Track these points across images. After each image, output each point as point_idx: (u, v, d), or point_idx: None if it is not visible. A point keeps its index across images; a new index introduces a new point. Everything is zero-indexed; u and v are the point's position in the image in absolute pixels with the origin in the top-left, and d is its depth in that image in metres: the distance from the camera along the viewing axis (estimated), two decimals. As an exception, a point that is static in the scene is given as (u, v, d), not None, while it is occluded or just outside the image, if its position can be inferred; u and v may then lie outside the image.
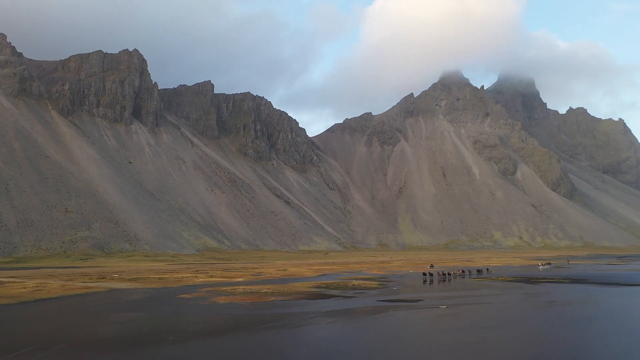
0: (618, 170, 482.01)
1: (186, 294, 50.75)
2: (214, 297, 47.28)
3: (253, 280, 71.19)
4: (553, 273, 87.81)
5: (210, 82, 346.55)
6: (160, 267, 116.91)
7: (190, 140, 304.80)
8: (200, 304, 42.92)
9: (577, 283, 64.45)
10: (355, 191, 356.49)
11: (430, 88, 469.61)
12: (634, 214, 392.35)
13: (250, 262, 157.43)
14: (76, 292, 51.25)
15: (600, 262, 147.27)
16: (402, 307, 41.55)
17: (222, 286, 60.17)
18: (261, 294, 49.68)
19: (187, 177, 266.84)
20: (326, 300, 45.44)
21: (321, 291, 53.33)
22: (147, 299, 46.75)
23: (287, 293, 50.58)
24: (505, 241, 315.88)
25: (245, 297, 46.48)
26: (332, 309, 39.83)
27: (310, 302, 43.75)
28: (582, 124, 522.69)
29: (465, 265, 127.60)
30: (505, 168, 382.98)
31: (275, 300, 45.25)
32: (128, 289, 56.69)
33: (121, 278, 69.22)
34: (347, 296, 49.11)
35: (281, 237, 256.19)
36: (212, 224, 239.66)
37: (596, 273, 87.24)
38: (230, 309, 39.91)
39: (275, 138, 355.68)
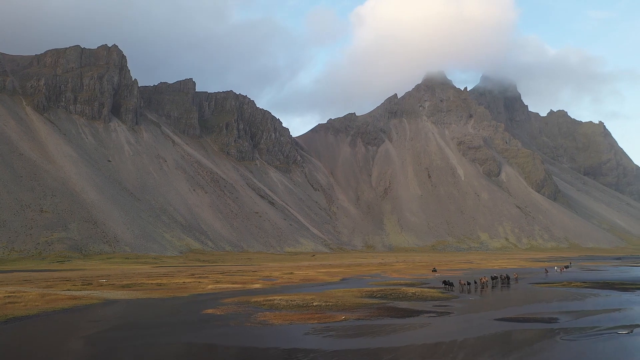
0: (599, 173, 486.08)
1: (211, 308, 40.33)
2: (256, 313, 36.88)
3: (271, 286, 62.00)
4: (613, 276, 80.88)
5: (192, 80, 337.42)
6: (147, 270, 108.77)
7: (172, 139, 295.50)
8: (252, 327, 31.21)
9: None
10: (340, 192, 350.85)
11: (413, 89, 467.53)
12: (615, 216, 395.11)
13: (240, 265, 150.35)
14: (61, 304, 40.95)
15: (611, 263, 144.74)
16: (553, 332, 29.55)
17: (244, 295, 50.28)
18: (314, 307, 39.68)
19: (169, 177, 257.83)
20: (419, 318, 34.99)
21: (385, 303, 43.61)
22: (166, 317, 35.91)
23: (345, 307, 40.17)
24: (491, 242, 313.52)
25: (302, 314, 36.12)
26: (464, 336, 27.83)
27: (403, 323, 32.82)
28: (563, 127, 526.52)
29: (467, 268, 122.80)
30: (489, 169, 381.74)
31: (348, 318, 34.28)
32: (128, 300, 46.85)
33: (111, 284, 60.37)
34: (434, 311, 38.37)
35: (266, 238, 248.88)
36: (195, 225, 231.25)
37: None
38: (312, 336, 28.21)
39: (258, 138, 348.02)
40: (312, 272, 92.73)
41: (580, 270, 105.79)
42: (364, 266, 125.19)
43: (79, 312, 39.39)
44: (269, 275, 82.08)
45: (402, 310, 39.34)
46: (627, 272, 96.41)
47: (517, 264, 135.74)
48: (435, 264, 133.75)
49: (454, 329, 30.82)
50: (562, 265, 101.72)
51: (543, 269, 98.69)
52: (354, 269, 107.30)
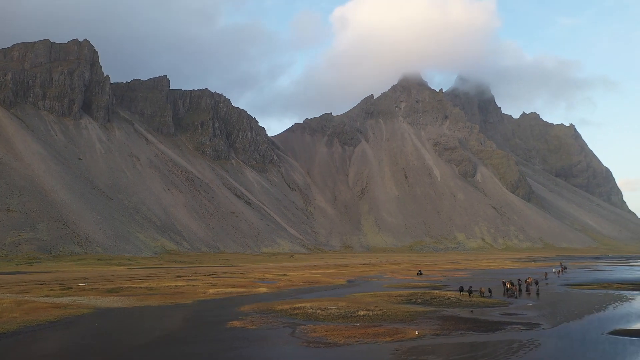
0: (570, 174, 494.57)
1: (235, 320, 34.32)
2: (297, 327, 31.33)
3: (278, 291, 56.84)
4: (635, 276, 78.94)
5: (166, 78, 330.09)
6: (126, 272, 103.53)
7: (145, 137, 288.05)
8: (315, 349, 25.69)
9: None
10: (316, 192, 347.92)
11: (389, 90, 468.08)
12: (586, 216, 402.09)
13: (221, 266, 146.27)
14: (45, 316, 34.46)
15: (602, 263, 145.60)
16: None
17: (258, 302, 44.84)
18: (361, 318, 34.47)
19: (142, 176, 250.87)
20: (509, 333, 29.93)
21: (437, 311, 39.00)
22: (187, 334, 29.90)
23: (397, 317, 35.09)
24: (468, 243, 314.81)
25: (357, 329, 30.52)
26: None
27: (499, 340, 27.97)
28: (535, 129, 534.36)
29: (452, 268, 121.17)
30: (465, 170, 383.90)
31: (423, 334, 29.08)
32: (123, 309, 40.64)
33: (94, 289, 54.71)
34: (516, 322, 33.12)
35: (243, 238, 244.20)
36: (170, 225, 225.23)
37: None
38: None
39: (234, 137, 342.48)
40: (306, 273, 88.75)
41: (584, 270, 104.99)
42: (352, 267, 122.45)
43: (69, 326, 32.59)
44: (264, 278, 77.68)
45: (475, 322, 33.95)
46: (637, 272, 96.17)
47: (503, 265, 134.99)
48: (419, 265, 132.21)
49: (578, 350, 25.60)
50: (561, 267, 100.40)
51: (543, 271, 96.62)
52: (347, 270, 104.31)
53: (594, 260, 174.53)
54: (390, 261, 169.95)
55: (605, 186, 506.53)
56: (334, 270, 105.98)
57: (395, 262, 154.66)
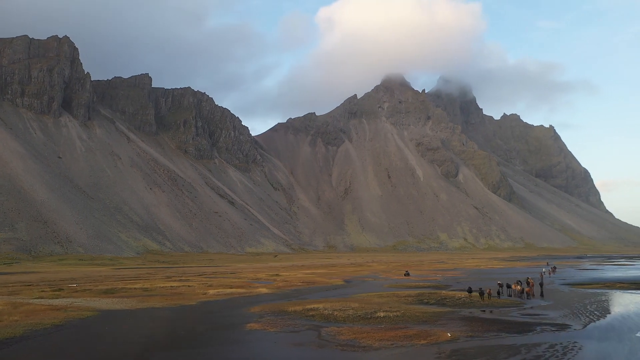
0: (549, 175, 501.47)
1: (250, 322, 32.96)
2: (320, 329, 30.07)
3: (279, 291, 55.44)
4: (630, 275, 78.73)
5: (148, 76, 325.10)
6: (112, 272, 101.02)
7: (126, 136, 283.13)
8: (350, 352, 24.45)
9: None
10: (300, 192, 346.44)
11: (372, 90, 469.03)
12: (566, 217, 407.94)
13: (208, 267, 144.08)
14: (48, 319, 32.43)
15: (584, 262, 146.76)
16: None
17: (264, 303, 43.46)
18: (383, 319, 33.34)
19: (124, 175, 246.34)
20: (541, 335, 28.81)
21: (456, 311, 38.10)
22: (207, 337, 28.62)
23: (418, 318, 34.29)
24: (450, 242, 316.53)
25: (383, 331, 29.29)
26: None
27: (536, 342, 26.82)
28: (516, 130, 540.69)
29: (442, 268, 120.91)
30: (447, 170, 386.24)
31: (456, 337, 27.91)
32: (128, 311, 38.78)
33: (87, 290, 52.67)
34: (546, 323, 32.12)
35: (226, 238, 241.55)
36: (152, 225, 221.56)
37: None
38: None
39: (217, 136, 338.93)
40: (299, 274, 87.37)
41: (574, 270, 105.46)
42: (341, 267, 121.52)
43: (78, 329, 30.85)
44: (257, 278, 76.10)
45: (502, 323, 32.63)
46: (629, 271, 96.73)
47: (491, 264, 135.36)
48: (406, 265, 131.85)
49: (621, 353, 24.54)
50: (550, 267, 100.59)
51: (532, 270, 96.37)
52: (338, 270, 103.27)
53: (577, 260, 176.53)
54: (377, 261, 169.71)
55: (583, 187, 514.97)
56: (325, 270, 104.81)
57: (383, 262, 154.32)
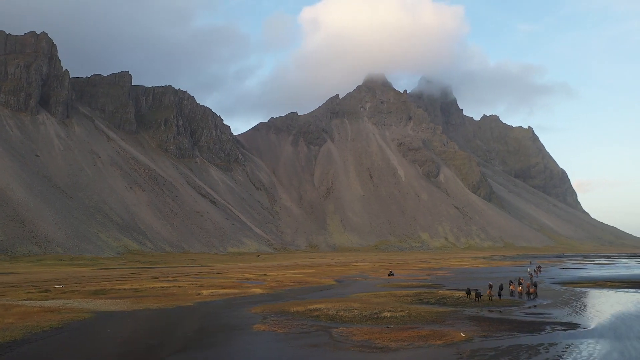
0: (528, 175, 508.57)
1: (257, 323, 32.33)
2: (330, 330, 29.54)
3: (273, 291, 54.59)
4: (615, 274, 79.29)
5: (129, 73, 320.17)
6: (94, 273, 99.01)
7: (106, 134, 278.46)
8: (369, 353, 23.92)
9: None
10: (282, 191, 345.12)
11: (354, 90, 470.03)
12: (544, 216, 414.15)
13: (190, 267, 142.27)
14: (45, 321, 31.26)
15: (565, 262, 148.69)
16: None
17: (263, 303, 42.59)
18: (390, 319, 32.99)
19: (103, 174, 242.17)
20: (552, 334, 28.59)
21: (460, 311, 37.72)
22: (218, 336, 28.53)
23: (424, 318, 34.08)
24: (432, 242, 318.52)
25: (393, 331, 28.71)
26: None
27: (550, 341, 26.63)
28: (495, 131, 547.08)
29: (428, 267, 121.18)
30: (429, 170, 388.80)
31: (469, 337, 27.33)
32: (127, 312, 37.76)
33: (75, 291, 51.07)
34: (555, 322, 32.05)
35: (208, 238, 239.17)
36: (132, 225, 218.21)
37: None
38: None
39: (198, 135, 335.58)
40: (287, 273, 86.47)
41: (559, 269, 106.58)
42: (327, 266, 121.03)
43: (79, 332, 29.62)
44: (246, 278, 74.90)
45: (510, 323, 32.24)
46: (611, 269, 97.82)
47: (475, 264, 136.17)
48: (390, 264, 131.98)
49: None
50: (536, 266, 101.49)
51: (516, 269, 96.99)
52: (326, 270, 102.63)
53: (557, 259, 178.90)
54: (360, 260, 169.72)
55: (561, 187, 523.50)
56: (312, 270, 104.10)
57: (367, 262, 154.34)
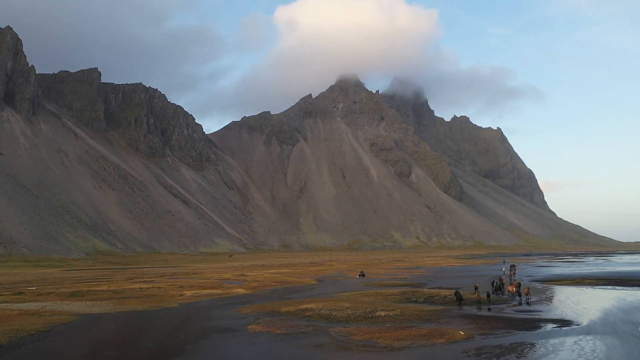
0: (497, 175, 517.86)
1: (252, 324, 31.74)
2: (328, 330, 29.35)
3: (257, 292, 53.78)
4: (593, 272, 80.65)
5: (97, 70, 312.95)
6: (65, 274, 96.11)
7: (74, 132, 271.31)
8: (374, 353, 23.75)
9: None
10: (255, 191, 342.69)
11: (327, 90, 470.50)
12: (512, 216, 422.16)
13: (162, 267, 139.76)
14: (28, 325, 29.79)
15: (535, 260, 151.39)
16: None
17: (252, 303, 41.96)
18: (384, 319, 32.74)
19: (71, 172, 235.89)
20: (550, 331, 28.98)
21: (450, 309, 37.87)
22: (216, 337, 27.76)
23: (417, 316, 33.93)
24: (404, 241, 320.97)
25: (389, 331, 28.53)
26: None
27: (552, 341, 26.38)
28: (465, 132, 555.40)
29: (404, 266, 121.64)
30: (401, 170, 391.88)
31: (469, 335, 27.43)
32: (110, 314, 36.49)
33: (52, 293, 49.08)
34: (550, 320, 32.37)
35: (180, 238, 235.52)
36: (102, 225, 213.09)
37: (615, 272, 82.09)
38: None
39: (169, 133, 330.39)
40: (265, 273, 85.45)
41: (532, 267, 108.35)
42: (302, 266, 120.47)
43: (69, 336, 28.26)
44: (225, 278, 73.66)
45: (505, 321, 32.44)
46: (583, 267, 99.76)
47: (449, 262, 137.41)
48: (365, 263, 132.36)
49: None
50: (510, 265, 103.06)
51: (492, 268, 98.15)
52: (303, 270, 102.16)
53: (527, 257, 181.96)
54: (334, 260, 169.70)
55: (528, 187, 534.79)
56: (289, 269, 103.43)
57: (342, 261, 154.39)
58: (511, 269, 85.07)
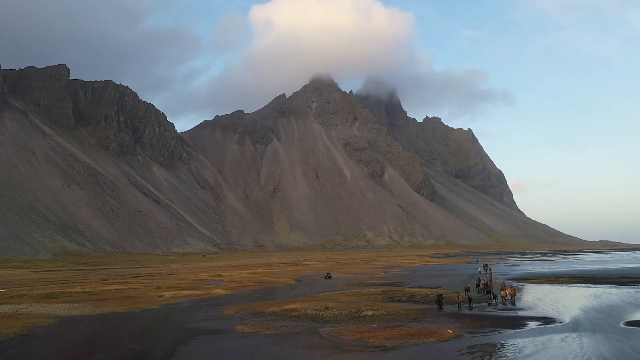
0: (467, 176, 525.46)
1: (239, 325, 31.36)
2: (318, 330, 29.16)
3: (237, 293, 53.20)
4: (564, 270, 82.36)
5: (66, 67, 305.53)
6: (34, 276, 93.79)
7: (41, 130, 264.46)
8: (369, 353, 23.63)
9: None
10: (228, 190, 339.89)
11: (301, 90, 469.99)
12: (483, 215, 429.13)
13: (134, 268, 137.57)
14: (7, 328, 28.94)
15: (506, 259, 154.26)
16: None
17: (236, 304, 41.54)
18: (372, 318, 32.69)
19: (38, 171, 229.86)
20: (534, 329, 29.33)
21: (432, 308, 37.95)
22: (206, 340, 27.22)
23: (403, 316, 33.92)
24: (377, 241, 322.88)
25: (377, 330, 28.49)
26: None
27: (537, 338, 26.76)
28: (437, 132, 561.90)
29: (379, 266, 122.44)
30: (374, 170, 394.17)
31: (458, 333, 27.72)
32: (90, 316, 35.46)
33: (24, 295, 47.62)
34: (533, 317, 32.90)
35: (151, 238, 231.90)
36: (71, 225, 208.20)
37: (592, 270, 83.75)
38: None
39: (141, 131, 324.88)
40: (242, 274, 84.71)
41: (504, 265, 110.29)
42: (278, 266, 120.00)
43: (53, 339, 27.27)
44: (201, 279, 72.75)
45: (490, 319, 32.77)
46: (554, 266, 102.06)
47: (423, 261, 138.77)
48: (340, 263, 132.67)
49: (623, 342, 25.22)
50: (483, 264, 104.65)
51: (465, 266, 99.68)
52: (279, 270, 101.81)
53: (498, 256, 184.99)
54: (309, 259, 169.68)
55: (498, 187, 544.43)
56: (266, 270, 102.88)
57: (317, 261, 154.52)
58: (487, 269, 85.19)
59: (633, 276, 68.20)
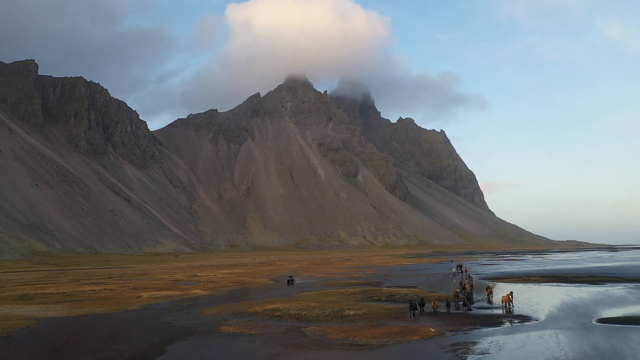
0: (440, 176, 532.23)
1: (223, 325, 30.88)
2: (302, 329, 29.42)
3: (216, 293, 52.68)
4: (533, 270, 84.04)
5: (34, 62, 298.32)
6: (3, 277, 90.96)
7: (8, 127, 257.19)
8: (354, 352, 23.74)
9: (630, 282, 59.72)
10: (201, 190, 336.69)
11: (276, 89, 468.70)
12: (454, 215, 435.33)
13: (106, 268, 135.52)
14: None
15: (477, 258, 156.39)
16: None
17: (216, 304, 41.01)
18: (354, 317, 32.95)
19: (5, 169, 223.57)
20: (510, 327, 30.17)
21: (407, 307, 36.72)
22: (192, 340, 26.90)
23: (383, 314, 34.29)
24: (350, 240, 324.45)
25: (361, 329, 28.82)
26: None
27: (513, 336, 27.42)
28: (410, 133, 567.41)
29: (354, 265, 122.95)
30: (348, 171, 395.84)
31: (439, 332, 28.13)
32: (70, 318, 34.70)
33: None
34: (509, 316, 33.67)
35: (122, 238, 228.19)
36: (39, 224, 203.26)
37: (572, 269, 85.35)
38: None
39: (112, 129, 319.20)
40: (219, 274, 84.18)
41: (476, 265, 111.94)
42: (253, 266, 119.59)
43: (34, 341, 26.66)
44: (177, 279, 71.95)
45: (470, 317, 33.63)
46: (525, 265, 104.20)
47: (396, 261, 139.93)
48: (314, 262, 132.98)
49: (599, 339, 26.12)
50: (457, 265, 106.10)
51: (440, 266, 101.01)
52: (255, 270, 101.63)
53: (470, 256, 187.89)
54: (284, 259, 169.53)
55: (469, 188, 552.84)
56: (241, 270, 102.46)
57: (292, 261, 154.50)
58: (461, 269, 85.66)
59: (601, 275, 70.39)
